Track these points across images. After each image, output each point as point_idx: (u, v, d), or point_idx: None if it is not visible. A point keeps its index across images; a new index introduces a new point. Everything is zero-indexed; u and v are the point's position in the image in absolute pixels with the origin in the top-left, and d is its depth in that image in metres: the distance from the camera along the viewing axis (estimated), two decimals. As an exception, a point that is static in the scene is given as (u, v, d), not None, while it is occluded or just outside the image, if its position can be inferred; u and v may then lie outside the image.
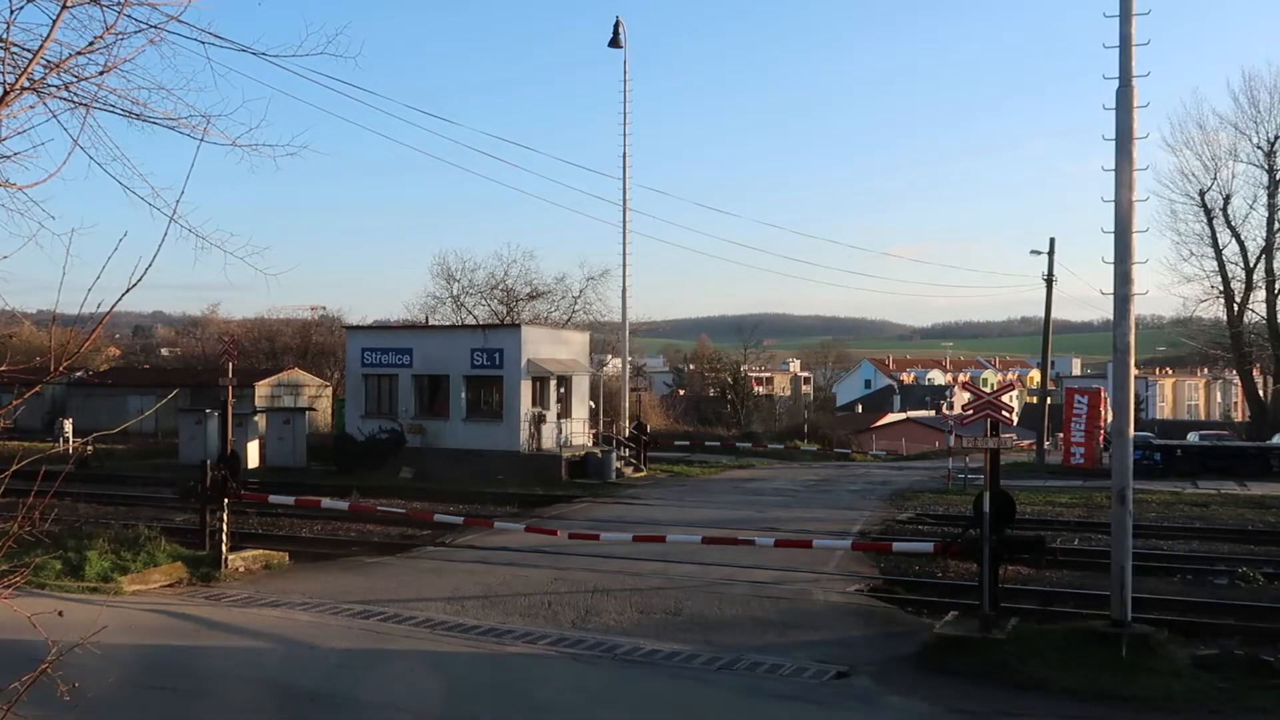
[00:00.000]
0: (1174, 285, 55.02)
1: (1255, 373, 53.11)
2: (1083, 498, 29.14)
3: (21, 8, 4.90)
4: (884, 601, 15.24)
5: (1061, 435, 41.85)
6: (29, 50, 4.77)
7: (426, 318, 52.60)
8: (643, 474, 36.96)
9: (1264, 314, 43.67)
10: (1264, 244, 44.27)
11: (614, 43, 39.96)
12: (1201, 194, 44.52)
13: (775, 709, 9.89)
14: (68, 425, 42.05)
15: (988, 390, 37.93)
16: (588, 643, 12.14)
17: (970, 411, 30.29)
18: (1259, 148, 43.77)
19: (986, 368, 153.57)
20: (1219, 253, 44.77)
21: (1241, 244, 44.80)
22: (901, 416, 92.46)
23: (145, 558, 16.16)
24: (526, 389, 35.38)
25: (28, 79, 4.43)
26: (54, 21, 4.47)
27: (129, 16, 5.14)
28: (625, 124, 40.49)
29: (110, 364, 74.33)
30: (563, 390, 37.84)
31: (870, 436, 73.59)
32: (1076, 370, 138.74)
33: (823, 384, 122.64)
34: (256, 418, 38.85)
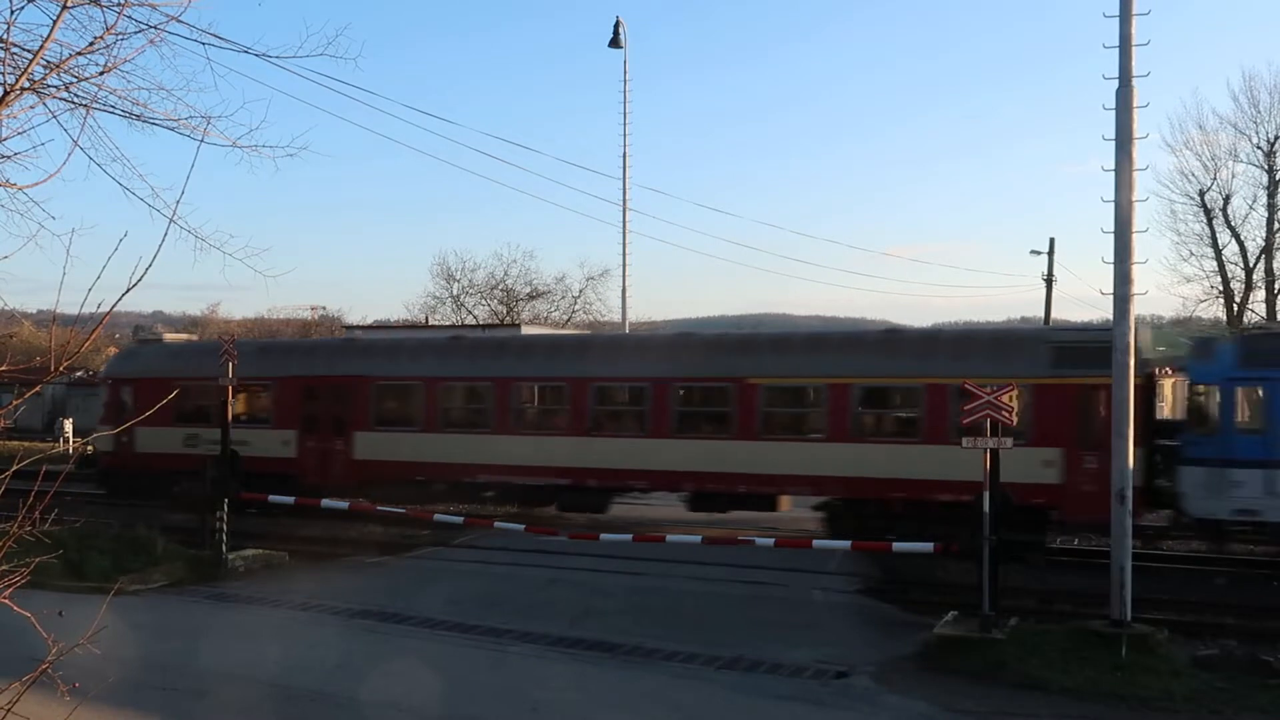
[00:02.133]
0: (1174, 285, 54.60)
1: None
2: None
3: (21, 8, 4.90)
4: (884, 601, 15.24)
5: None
6: (29, 50, 4.76)
7: (426, 318, 52.50)
8: (643, 474, 36.84)
9: (1264, 314, 43.50)
10: (1264, 244, 44.09)
11: (614, 43, 39.91)
12: (1201, 194, 44.41)
13: (775, 709, 9.90)
14: (68, 425, 41.99)
15: (988, 390, 37.83)
16: (588, 642, 12.15)
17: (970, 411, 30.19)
18: (1259, 148, 43.62)
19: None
20: (1219, 253, 44.63)
21: (1241, 244, 44.67)
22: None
23: (146, 557, 16.18)
24: (527, 389, 35.29)
25: (28, 79, 4.43)
26: (54, 22, 4.47)
27: (129, 17, 5.13)
28: (625, 124, 40.30)
29: (110, 364, 74.16)
30: (563, 390, 37.75)
31: (870, 436, 73.38)
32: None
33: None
34: (257, 418, 38.77)
